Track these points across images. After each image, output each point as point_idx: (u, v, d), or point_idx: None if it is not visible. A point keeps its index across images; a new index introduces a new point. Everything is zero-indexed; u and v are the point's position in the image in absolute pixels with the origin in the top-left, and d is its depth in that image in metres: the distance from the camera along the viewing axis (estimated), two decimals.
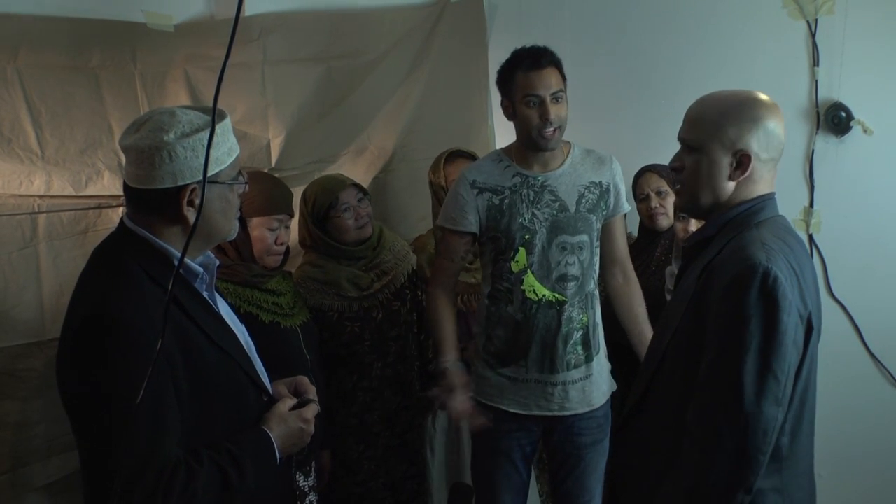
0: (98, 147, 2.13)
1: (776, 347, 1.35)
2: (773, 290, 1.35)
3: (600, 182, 2.21)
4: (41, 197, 2.06)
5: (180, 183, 1.36)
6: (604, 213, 2.23)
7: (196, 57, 2.31)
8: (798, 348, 1.39)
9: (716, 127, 1.50)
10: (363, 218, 2.39)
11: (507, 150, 2.22)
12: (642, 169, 2.70)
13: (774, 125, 1.48)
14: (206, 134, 1.36)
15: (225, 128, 1.43)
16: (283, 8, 2.54)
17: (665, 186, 2.61)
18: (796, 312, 1.38)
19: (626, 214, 2.32)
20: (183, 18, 2.32)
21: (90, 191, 2.12)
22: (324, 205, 2.35)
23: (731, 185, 1.50)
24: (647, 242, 2.70)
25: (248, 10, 2.46)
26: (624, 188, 2.28)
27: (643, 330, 2.26)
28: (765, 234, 1.44)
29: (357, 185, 2.42)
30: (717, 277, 1.43)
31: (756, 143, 1.47)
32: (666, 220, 2.64)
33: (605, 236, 2.25)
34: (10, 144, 2.00)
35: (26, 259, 2.04)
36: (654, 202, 2.64)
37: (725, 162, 1.49)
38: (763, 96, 1.52)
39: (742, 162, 1.48)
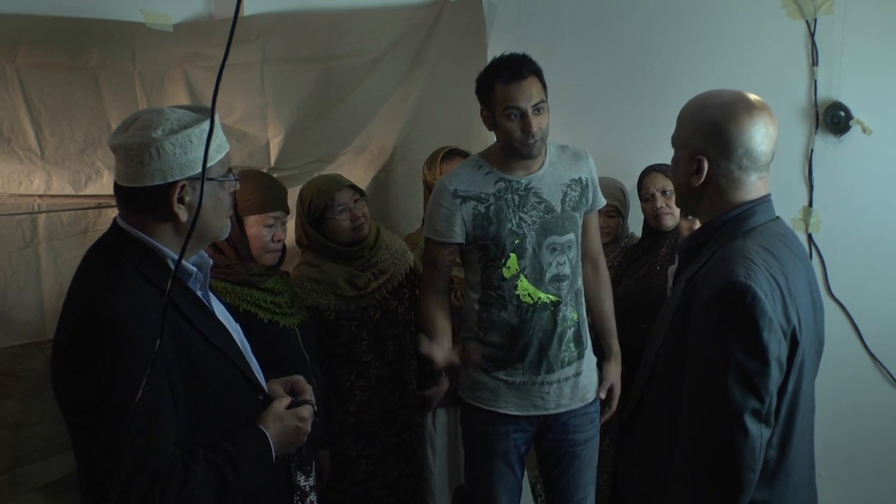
0: (97, 147, 2.13)
1: (758, 366, 1.33)
2: (751, 308, 1.33)
3: (580, 178, 2.21)
4: (41, 197, 2.06)
5: (169, 180, 1.36)
6: (585, 209, 2.23)
7: (195, 57, 2.31)
8: (781, 365, 1.37)
9: (683, 128, 1.51)
10: (359, 219, 2.38)
11: (485, 155, 2.19)
12: (647, 169, 2.69)
13: (740, 132, 1.42)
14: (195, 130, 1.37)
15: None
16: (282, 8, 2.54)
17: (670, 186, 2.59)
18: (778, 329, 1.35)
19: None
20: (182, 18, 2.33)
21: (90, 190, 2.13)
22: (319, 206, 2.35)
23: (698, 188, 1.48)
24: (652, 242, 2.69)
25: (248, 9, 2.46)
26: (598, 183, 2.28)
27: (607, 324, 2.34)
28: (749, 246, 1.41)
29: (353, 186, 2.42)
30: (700, 290, 1.41)
31: (712, 149, 1.45)
32: (671, 219, 2.63)
33: (582, 231, 2.25)
34: (10, 144, 2.01)
35: (26, 259, 2.05)
36: (660, 202, 2.62)
37: (687, 164, 1.49)
38: (745, 100, 1.46)
39: (699, 167, 1.47)
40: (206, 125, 1.39)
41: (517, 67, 2.04)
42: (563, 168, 2.20)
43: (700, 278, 1.44)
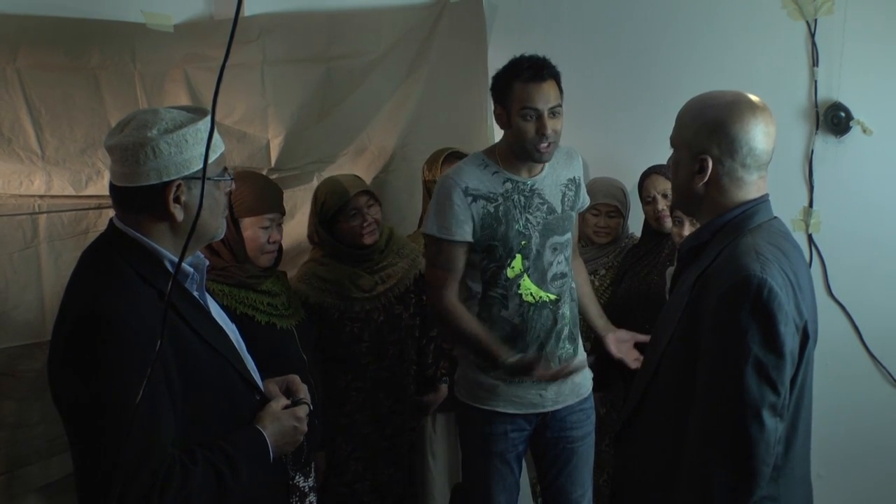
0: (98, 147, 2.13)
1: (774, 360, 1.34)
2: (768, 302, 1.34)
3: (574, 178, 2.23)
4: (41, 197, 2.06)
5: (165, 179, 1.36)
6: (577, 207, 2.25)
7: (195, 57, 2.31)
8: (794, 359, 1.38)
9: (684, 128, 1.51)
10: (371, 224, 2.39)
11: (489, 154, 2.17)
12: (648, 170, 2.68)
13: (745, 131, 1.44)
14: (190, 130, 1.37)
15: (209, 124, 1.42)
16: (282, 8, 2.54)
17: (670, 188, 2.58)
18: (793, 323, 1.36)
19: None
20: (182, 19, 2.33)
21: (90, 191, 2.13)
22: (332, 207, 2.36)
23: (700, 188, 1.49)
24: (654, 244, 2.67)
25: (248, 10, 2.46)
26: (583, 181, 2.30)
27: (596, 307, 2.37)
28: (759, 242, 1.42)
29: (368, 191, 2.42)
30: (712, 287, 1.41)
31: (717, 149, 1.45)
32: None
33: None
34: (10, 144, 2.01)
35: (27, 259, 2.05)
36: (661, 205, 2.60)
37: (690, 164, 1.49)
38: (747, 99, 1.47)
39: (702, 166, 1.47)
40: (200, 124, 1.39)
41: (538, 69, 2.04)
42: (561, 168, 2.21)
43: (710, 275, 1.43)
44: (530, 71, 2.04)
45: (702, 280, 1.45)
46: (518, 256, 2.13)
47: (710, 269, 1.45)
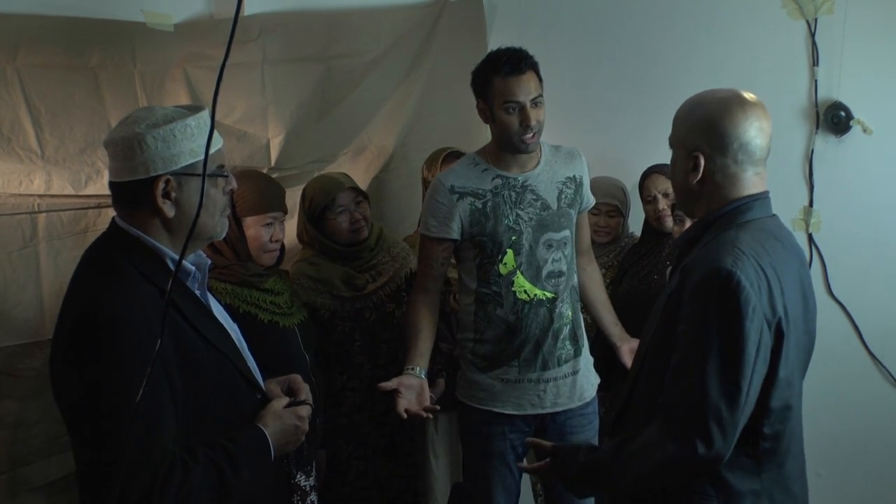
0: (98, 146, 2.12)
1: (736, 353, 1.34)
2: (735, 295, 1.34)
3: (574, 176, 2.23)
4: (41, 196, 2.06)
5: (152, 174, 1.36)
6: (578, 206, 2.25)
7: (196, 56, 2.31)
8: (764, 354, 1.38)
9: (679, 128, 1.53)
10: (359, 221, 2.39)
11: (482, 153, 2.21)
12: (649, 170, 2.68)
13: (734, 126, 1.44)
14: (178, 125, 1.37)
15: (200, 120, 1.42)
16: (282, 8, 2.54)
17: (672, 188, 2.58)
18: (761, 318, 1.36)
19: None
20: (182, 18, 2.33)
21: (90, 190, 2.13)
22: (319, 205, 2.36)
23: (696, 185, 1.49)
24: (655, 244, 2.68)
25: (248, 9, 2.46)
26: (588, 182, 2.30)
27: (612, 316, 2.39)
28: (741, 237, 1.42)
29: (355, 188, 2.42)
30: (688, 279, 1.43)
31: (708, 146, 1.46)
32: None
33: (575, 228, 2.26)
34: (10, 144, 2.01)
35: (26, 259, 2.05)
36: (662, 204, 2.60)
37: (685, 162, 1.50)
38: (738, 96, 1.48)
39: (695, 163, 1.48)
40: (190, 120, 1.39)
41: (517, 62, 2.06)
42: (559, 166, 2.21)
43: (689, 267, 1.45)
44: (509, 65, 2.06)
45: (683, 273, 1.46)
46: (509, 252, 2.13)
47: (692, 259, 1.46)
